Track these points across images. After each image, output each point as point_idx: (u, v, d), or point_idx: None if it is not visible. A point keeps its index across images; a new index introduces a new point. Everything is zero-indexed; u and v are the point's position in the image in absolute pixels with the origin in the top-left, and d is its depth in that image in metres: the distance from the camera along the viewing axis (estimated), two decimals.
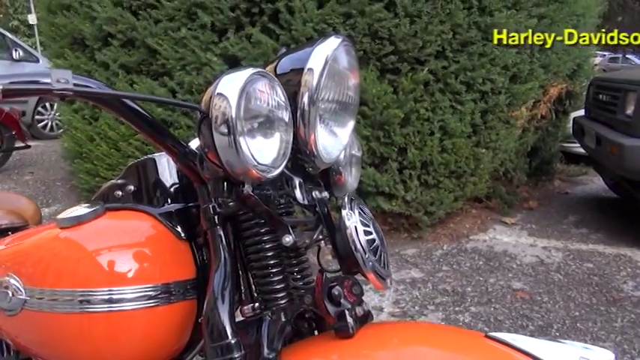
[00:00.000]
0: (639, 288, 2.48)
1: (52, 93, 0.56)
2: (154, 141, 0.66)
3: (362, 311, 0.68)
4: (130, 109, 0.63)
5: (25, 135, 5.24)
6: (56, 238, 0.73)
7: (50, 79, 0.55)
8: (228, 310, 0.64)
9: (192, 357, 0.78)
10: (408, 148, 3.01)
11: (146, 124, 0.65)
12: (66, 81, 0.55)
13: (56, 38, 3.54)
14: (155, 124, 0.66)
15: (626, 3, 15.82)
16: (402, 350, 0.62)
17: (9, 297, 0.71)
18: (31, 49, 7.51)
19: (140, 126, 0.65)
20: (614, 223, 3.40)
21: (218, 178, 0.64)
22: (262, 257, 0.69)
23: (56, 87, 0.55)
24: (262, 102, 0.60)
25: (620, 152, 2.86)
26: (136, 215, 0.74)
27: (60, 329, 0.69)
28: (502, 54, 3.07)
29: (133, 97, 0.66)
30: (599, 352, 0.60)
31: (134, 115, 0.64)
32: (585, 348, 0.60)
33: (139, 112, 0.64)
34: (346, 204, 0.69)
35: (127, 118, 0.64)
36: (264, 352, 0.62)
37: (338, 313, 0.64)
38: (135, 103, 0.64)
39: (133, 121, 0.64)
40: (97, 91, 0.61)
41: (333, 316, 0.64)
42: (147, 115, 0.65)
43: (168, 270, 0.71)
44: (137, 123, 0.64)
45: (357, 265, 0.66)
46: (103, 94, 0.62)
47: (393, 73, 2.96)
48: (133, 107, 0.63)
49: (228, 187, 0.64)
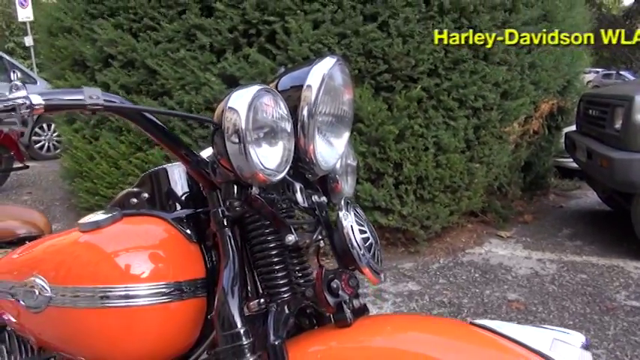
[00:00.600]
0: (631, 297, 2.53)
1: (86, 107, 0.62)
2: (169, 150, 0.72)
3: (359, 304, 0.74)
4: (149, 121, 0.69)
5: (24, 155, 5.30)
6: (78, 241, 0.79)
7: (83, 95, 0.61)
8: (238, 304, 0.69)
9: (201, 354, 0.83)
10: (404, 164, 3.08)
11: (163, 135, 0.71)
12: (97, 97, 0.62)
13: (56, 60, 3.62)
14: (171, 135, 0.73)
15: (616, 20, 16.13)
16: (395, 337, 0.68)
17: (35, 295, 0.77)
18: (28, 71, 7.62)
19: (158, 137, 0.71)
20: (607, 236, 3.46)
21: (229, 182, 0.70)
22: (267, 255, 0.74)
23: (89, 102, 0.62)
24: (268, 114, 0.67)
25: (610, 165, 2.94)
26: (151, 220, 0.80)
27: (82, 323, 0.74)
28: (493, 71, 3.16)
29: (153, 110, 0.72)
30: (571, 334, 0.66)
31: (153, 127, 0.70)
32: (559, 331, 0.66)
33: (157, 125, 0.70)
34: (343, 206, 0.75)
35: (146, 129, 0.70)
36: (271, 339, 0.67)
37: (337, 303, 0.70)
38: (154, 117, 0.70)
39: (151, 132, 0.70)
40: (123, 105, 0.67)
41: (332, 306, 0.69)
42: (164, 127, 0.71)
43: (180, 269, 0.77)
44: (155, 134, 0.71)
45: (354, 261, 0.72)
46: (128, 109, 0.69)
47: (387, 91, 3.04)
48: (152, 120, 0.70)
49: (238, 190, 0.70)
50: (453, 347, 0.65)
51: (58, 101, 0.61)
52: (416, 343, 0.66)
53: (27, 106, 0.58)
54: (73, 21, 3.37)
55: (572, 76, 4.17)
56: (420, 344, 0.66)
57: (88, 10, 3.28)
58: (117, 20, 3.16)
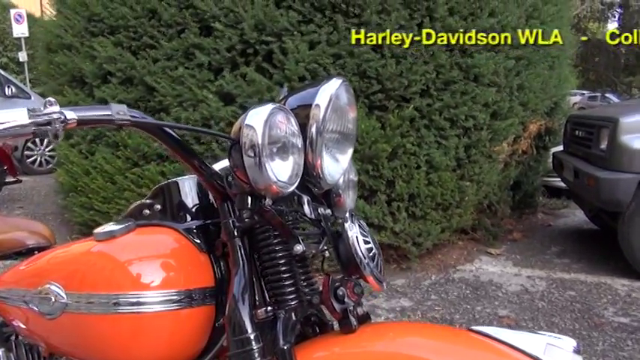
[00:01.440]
0: (619, 314, 2.59)
1: (114, 122, 0.67)
2: (185, 162, 0.77)
3: (362, 311, 0.78)
4: (168, 135, 0.74)
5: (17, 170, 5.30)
6: (93, 250, 0.83)
7: (110, 111, 0.66)
8: (248, 310, 0.73)
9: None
10: (396, 181, 3.14)
11: (180, 148, 0.76)
12: (124, 113, 0.67)
13: (55, 75, 3.66)
14: (187, 148, 0.77)
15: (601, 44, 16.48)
16: (396, 341, 0.72)
17: (51, 302, 0.80)
18: (22, 86, 7.63)
19: (175, 149, 0.75)
20: (595, 254, 3.54)
21: (244, 193, 0.75)
22: (275, 264, 0.78)
23: (116, 117, 0.66)
24: (281, 131, 0.72)
25: (597, 184, 3.02)
26: (162, 230, 0.84)
27: (95, 329, 0.77)
28: (482, 92, 3.25)
29: (173, 126, 0.78)
30: (563, 339, 0.71)
31: (171, 140, 0.75)
32: (552, 336, 0.71)
33: (175, 138, 0.75)
34: (348, 218, 0.80)
35: (165, 142, 0.74)
36: (280, 343, 0.71)
37: (342, 309, 0.74)
38: (173, 131, 0.75)
39: (169, 144, 0.75)
40: (146, 121, 0.72)
41: (338, 312, 0.74)
42: (181, 140, 0.76)
43: (190, 277, 0.80)
44: (173, 147, 0.75)
45: (358, 270, 0.76)
46: (150, 124, 0.73)
47: (380, 110, 3.11)
48: (171, 134, 0.75)
49: (252, 201, 0.75)
50: (453, 352, 0.69)
51: (90, 117, 0.66)
52: (416, 348, 0.71)
53: (61, 121, 0.63)
54: (73, 38, 3.42)
55: (558, 98, 4.29)
56: (420, 349, 0.70)
57: (88, 27, 3.34)
58: (117, 38, 3.21)
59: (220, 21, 3.00)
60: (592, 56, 18.76)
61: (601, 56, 19.34)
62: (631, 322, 2.49)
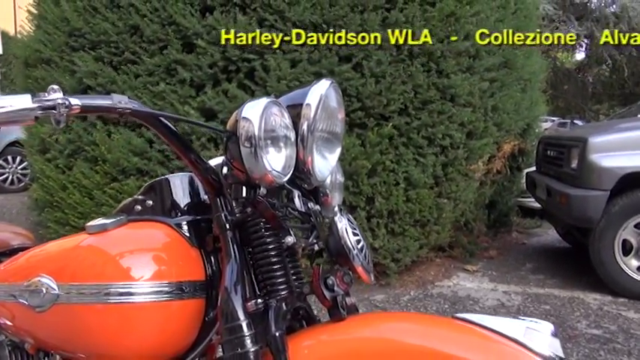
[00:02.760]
0: (592, 326, 2.65)
1: (116, 110, 0.69)
2: (182, 155, 0.79)
3: (350, 302, 0.80)
4: (166, 127, 0.76)
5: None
6: (85, 242, 0.83)
7: (112, 100, 0.68)
8: (240, 299, 0.74)
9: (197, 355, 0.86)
10: (375, 198, 3.18)
11: (176, 139, 0.78)
12: (125, 102, 0.70)
13: (33, 90, 3.62)
14: (183, 141, 0.80)
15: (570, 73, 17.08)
16: (383, 328, 0.74)
17: (42, 294, 0.79)
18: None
19: (172, 141, 0.78)
20: (568, 270, 3.63)
21: (239, 183, 0.77)
22: (267, 256, 0.80)
23: (118, 106, 0.69)
24: (276, 123, 0.75)
25: (568, 201, 3.12)
26: (154, 225, 0.85)
27: (86, 319, 0.77)
28: (459, 112, 3.35)
29: (170, 116, 0.80)
30: (542, 323, 0.74)
31: (169, 132, 0.77)
32: (531, 321, 0.74)
33: (172, 130, 0.77)
34: (337, 211, 0.83)
35: (162, 133, 0.77)
36: (272, 330, 0.73)
37: (332, 297, 0.76)
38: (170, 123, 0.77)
39: (166, 136, 0.77)
40: (146, 111, 0.74)
41: (328, 300, 0.76)
42: (178, 132, 0.78)
43: (181, 270, 0.81)
44: (170, 139, 0.77)
45: (347, 260, 0.79)
46: (149, 113, 0.76)
47: (360, 128, 3.17)
48: (169, 126, 0.77)
49: (247, 190, 0.77)
50: (438, 336, 0.72)
51: (93, 104, 0.68)
52: (403, 333, 0.73)
53: (66, 106, 0.64)
54: (52, 52, 3.41)
55: (531, 120, 4.44)
56: (406, 334, 0.73)
57: (68, 42, 3.33)
58: (97, 53, 3.22)
59: (203, 38, 3.04)
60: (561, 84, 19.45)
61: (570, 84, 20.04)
62: (603, 333, 2.55)
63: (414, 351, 0.70)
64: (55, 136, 3.37)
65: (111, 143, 3.13)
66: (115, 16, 3.18)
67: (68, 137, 3.31)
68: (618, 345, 2.42)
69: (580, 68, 17.38)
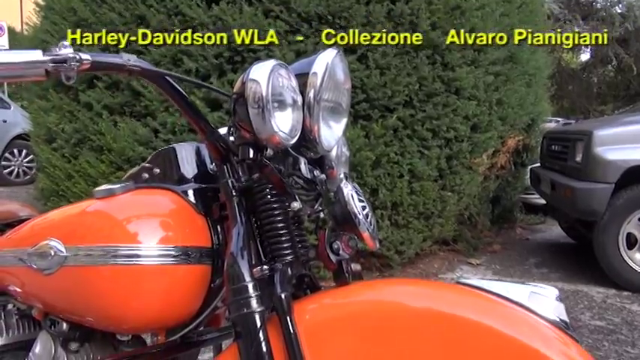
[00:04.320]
0: (595, 318, 2.65)
1: (126, 68, 0.70)
2: (189, 118, 0.79)
3: (355, 268, 0.81)
4: (174, 88, 0.77)
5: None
6: (92, 207, 0.84)
7: (122, 59, 0.70)
8: (247, 263, 0.75)
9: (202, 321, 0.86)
10: (379, 190, 3.19)
11: (184, 103, 0.78)
12: (135, 60, 0.71)
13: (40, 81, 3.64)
14: (191, 105, 0.80)
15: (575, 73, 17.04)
16: (387, 291, 0.75)
17: (50, 256, 0.80)
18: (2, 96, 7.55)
19: (180, 104, 0.78)
20: (572, 265, 3.62)
21: (246, 144, 0.77)
22: (273, 221, 0.81)
23: (128, 64, 0.69)
24: (283, 85, 0.75)
25: (573, 195, 3.12)
26: (161, 192, 0.86)
27: (93, 281, 0.78)
28: (463, 105, 3.35)
29: (177, 77, 0.80)
30: (546, 288, 0.75)
31: (177, 94, 0.77)
32: (536, 286, 0.75)
33: (181, 94, 0.78)
34: (342, 178, 0.83)
35: (170, 95, 0.77)
36: (277, 291, 0.73)
37: (338, 261, 0.77)
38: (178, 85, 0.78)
39: (175, 99, 0.77)
40: (155, 70, 0.75)
41: (334, 263, 0.76)
42: (186, 96, 0.79)
43: (187, 236, 0.82)
44: (178, 101, 0.78)
45: (353, 227, 0.80)
46: (157, 72, 0.76)
47: (364, 119, 3.18)
48: (176, 87, 0.77)
49: (254, 152, 0.77)
50: (443, 299, 0.72)
51: (103, 61, 0.69)
52: (407, 297, 0.73)
53: (77, 60, 0.65)
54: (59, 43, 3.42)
55: (535, 115, 4.43)
56: (411, 297, 0.73)
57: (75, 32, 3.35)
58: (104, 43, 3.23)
59: (209, 28, 3.05)
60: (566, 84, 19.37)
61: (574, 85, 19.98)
62: (607, 325, 2.55)
63: (418, 313, 0.70)
64: (61, 125, 3.38)
65: (116, 133, 3.15)
66: (121, 6, 3.19)
67: (74, 126, 3.33)
68: (622, 336, 2.42)
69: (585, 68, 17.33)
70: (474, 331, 0.67)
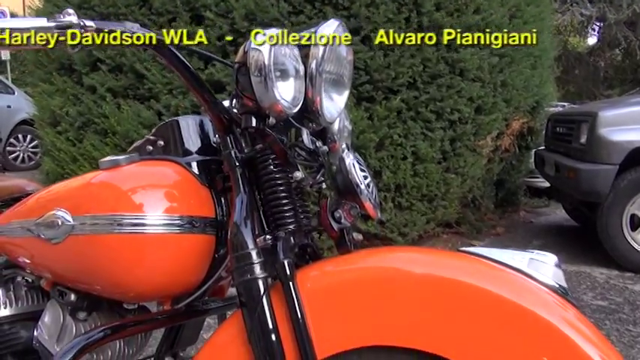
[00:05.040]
0: (597, 298, 2.67)
1: None
2: (192, 89, 0.80)
3: (357, 238, 0.82)
4: (177, 58, 0.77)
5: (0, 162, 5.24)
6: (98, 177, 0.85)
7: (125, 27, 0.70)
8: (250, 232, 0.76)
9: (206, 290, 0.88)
10: (383, 172, 3.19)
11: (188, 73, 0.79)
12: (138, 29, 0.72)
13: (43, 63, 3.65)
14: (196, 76, 0.80)
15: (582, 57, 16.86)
16: (389, 258, 0.76)
17: (57, 226, 0.82)
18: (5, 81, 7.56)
19: (183, 74, 0.79)
20: (575, 247, 3.63)
21: (248, 113, 0.78)
22: (275, 191, 0.82)
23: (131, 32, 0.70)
24: (285, 54, 0.76)
25: (577, 176, 3.11)
26: (165, 163, 0.87)
27: (99, 250, 0.80)
28: (467, 87, 3.33)
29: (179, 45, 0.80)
30: (546, 255, 0.76)
31: (180, 64, 0.78)
32: (535, 252, 0.76)
33: (185, 64, 0.78)
34: (344, 148, 0.84)
35: (174, 66, 0.78)
36: (280, 258, 0.74)
37: (340, 229, 0.78)
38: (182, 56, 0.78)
39: (178, 69, 0.78)
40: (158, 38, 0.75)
41: (336, 231, 0.77)
42: (190, 67, 0.79)
43: (191, 206, 0.83)
44: (182, 71, 0.78)
45: (355, 196, 0.80)
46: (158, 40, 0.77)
47: (368, 101, 3.17)
48: (180, 58, 0.78)
49: (257, 120, 0.78)
50: (444, 265, 0.73)
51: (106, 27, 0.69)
52: (408, 263, 0.74)
53: (81, 26, 0.66)
54: None
55: (540, 97, 4.41)
56: (412, 263, 0.74)
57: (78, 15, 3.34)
58: None
59: (211, 10, 3.04)
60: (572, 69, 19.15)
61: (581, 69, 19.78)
62: (609, 305, 2.57)
63: (419, 279, 0.71)
64: (66, 108, 3.39)
65: (120, 115, 3.15)
66: None
67: (78, 110, 3.34)
68: (624, 315, 2.44)
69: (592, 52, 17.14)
70: (474, 296, 0.68)
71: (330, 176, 0.84)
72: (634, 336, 2.22)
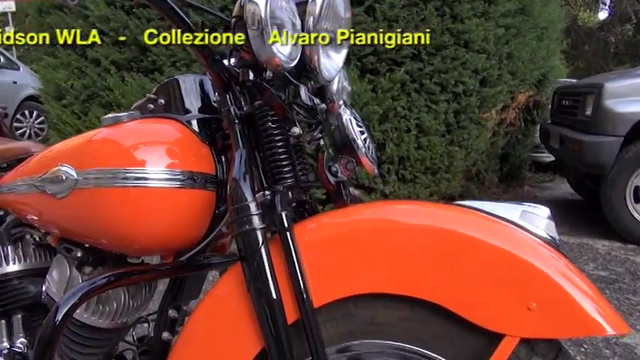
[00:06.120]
0: (599, 268, 2.69)
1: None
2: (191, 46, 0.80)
3: (354, 193, 0.83)
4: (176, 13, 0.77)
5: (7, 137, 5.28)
6: (101, 133, 0.87)
7: None
8: (249, 187, 0.77)
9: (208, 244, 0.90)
10: (387, 144, 3.20)
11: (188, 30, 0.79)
12: None
13: None
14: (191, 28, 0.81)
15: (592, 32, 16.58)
16: (385, 210, 0.77)
17: (62, 181, 0.84)
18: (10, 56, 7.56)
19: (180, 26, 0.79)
20: (578, 220, 3.64)
21: (246, 66, 0.79)
22: (274, 147, 0.83)
23: None
24: (282, 8, 0.76)
25: (581, 148, 3.10)
26: (166, 121, 0.88)
27: (104, 202, 0.82)
28: (472, 58, 3.31)
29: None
30: (538, 207, 0.77)
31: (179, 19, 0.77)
32: (528, 205, 0.77)
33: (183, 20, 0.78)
34: (341, 105, 0.85)
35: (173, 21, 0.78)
36: (278, 210, 0.76)
37: (336, 182, 0.79)
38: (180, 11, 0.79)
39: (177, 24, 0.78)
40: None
41: (332, 184, 0.79)
42: (189, 23, 0.79)
43: (192, 162, 0.84)
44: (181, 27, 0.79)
45: (352, 152, 0.82)
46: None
47: (372, 73, 3.16)
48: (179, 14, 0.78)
49: (254, 74, 0.79)
50: (439, 216, 0.75)
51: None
52: (404, 214, 0.76)
53: None
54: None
55: (547, 70, 4.36)
56: (408, 215, 0.76)
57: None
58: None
59: None
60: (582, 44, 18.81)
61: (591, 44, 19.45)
62: (609, 275, 2.59)
63: (414, 229, 0.73)
64: (70, 82, 3.40)
65: (125, 88, 3.17)
66: None
67: (83, 83, 3.35)
68: (624, 285, 2.46)
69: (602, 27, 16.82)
70: (468, 245, 0.70)
71: (329, 133, 0.86)
72: (633, 304, 2.25)
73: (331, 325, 0.77)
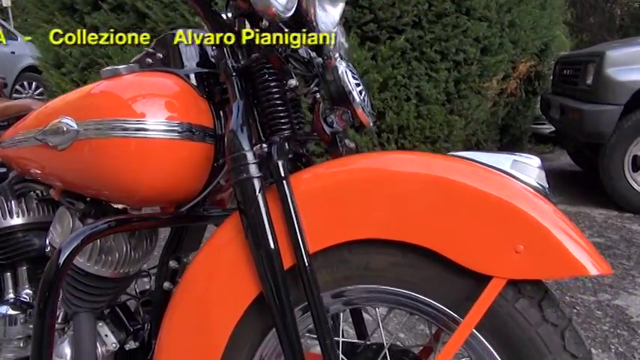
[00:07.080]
0: (595, 235, 2.72)
1: None
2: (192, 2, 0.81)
3: (350, 144, 0.85)
4: None
5: None
6: (100, 85, 0.88)
7: None
8: (246, 138, 0.78)
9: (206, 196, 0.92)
10: (386, 113, 3.20)
11: None
12: None
13: (45, 4, 3.61)
14: None
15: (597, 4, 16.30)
16: (380, 160, 0.79)
17: (63, 132, 0.85)
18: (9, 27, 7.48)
19: None
20: (577, 190, 3.67)
21: (242, 15, 0.79)
22: (270, 99, 0.84)
23: None
24: None
25: (581, 117, 3.10)
26: (164, 75, 0.89)
27: (105, 153, 0.83)
28: (474, 26, 3.28)
29: None
30: (530, 157, 0.78)
31: None
32: (519, 155, 0.79)
33: None
34: (337, 57, 0.86)
35: None
36: (274, 158, 0.78)
37: (332, 133, 0.81)
38: None
39: None
40: None
41: (328, 135, 0.80)
42: None
43: (190, 114, 0.86)
44: None
45: (347, 103, 0.83)
46: None
47: (372, 41, 3.13)
48: None
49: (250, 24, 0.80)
50: (432, 165, 0.76)
51: None
52: (398, 163, 0.77)
53: None
54: None
55: (549, 39, 4.32)
56: (401, 163, 0.77)
57: None
58: None
59: None
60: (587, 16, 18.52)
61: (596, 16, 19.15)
62: (605, 242, 2.62)
63: (408, 176, 0.75)
64: (69, 49, 3.38)
65: (124, 56, 3.15)
66: None
67: (82, 50, 3.33)
68: (618, 251, 2.50)
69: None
70: (460, 191, 0.72)
71: (325, 88, 0.87)
72: (626, 269, 2.28)
73: (326, 271, 0.79)
